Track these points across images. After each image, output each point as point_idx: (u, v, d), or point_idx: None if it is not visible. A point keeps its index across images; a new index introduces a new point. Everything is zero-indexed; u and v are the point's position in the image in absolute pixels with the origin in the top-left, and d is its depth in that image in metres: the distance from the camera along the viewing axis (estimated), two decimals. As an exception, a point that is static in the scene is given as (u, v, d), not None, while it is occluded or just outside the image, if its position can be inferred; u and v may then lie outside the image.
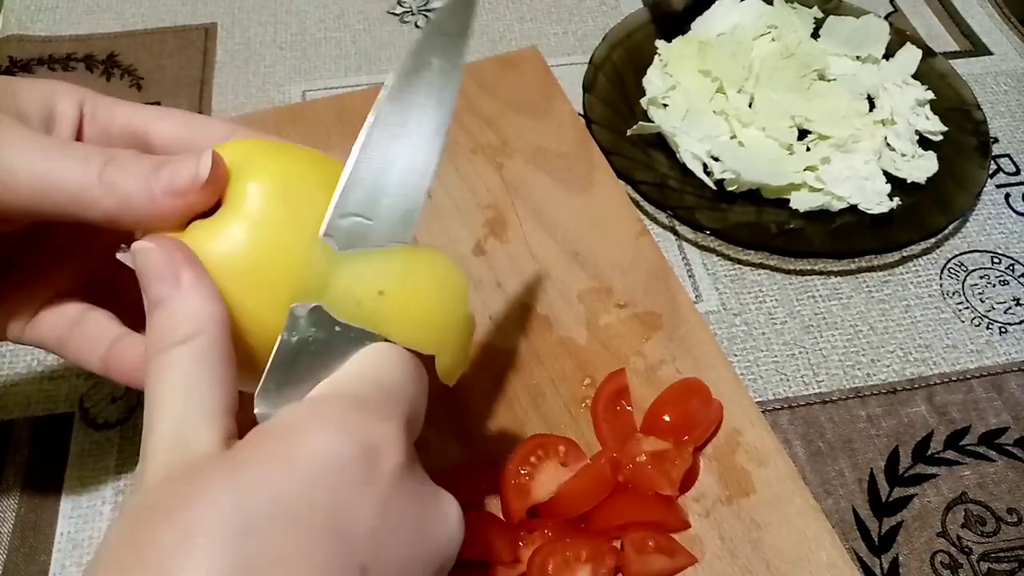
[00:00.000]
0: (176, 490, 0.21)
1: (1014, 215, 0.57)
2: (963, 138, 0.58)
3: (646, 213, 0.55)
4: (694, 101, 0.58)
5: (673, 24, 0.64)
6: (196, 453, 0.22)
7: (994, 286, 0.53)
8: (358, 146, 0.27)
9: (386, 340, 0.26)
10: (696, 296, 0.51)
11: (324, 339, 0.25)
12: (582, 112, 0.58)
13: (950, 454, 0.45)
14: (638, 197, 0.55)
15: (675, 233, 0.55)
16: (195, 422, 0.22)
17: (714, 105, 0.58)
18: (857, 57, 0.62)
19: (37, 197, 0.26)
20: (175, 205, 0.25)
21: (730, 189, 0.54)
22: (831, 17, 0.64)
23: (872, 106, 0.60)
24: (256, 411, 0.25)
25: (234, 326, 0.25)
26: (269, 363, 0.25)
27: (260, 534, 0.20)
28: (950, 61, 0.63)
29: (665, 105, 0.59)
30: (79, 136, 0.30)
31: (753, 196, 0.55)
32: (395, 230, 0.27)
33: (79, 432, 0.44)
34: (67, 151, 0.26)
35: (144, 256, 0.25)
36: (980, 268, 0.54)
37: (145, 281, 0.25)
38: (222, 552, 0.19)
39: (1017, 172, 0.59)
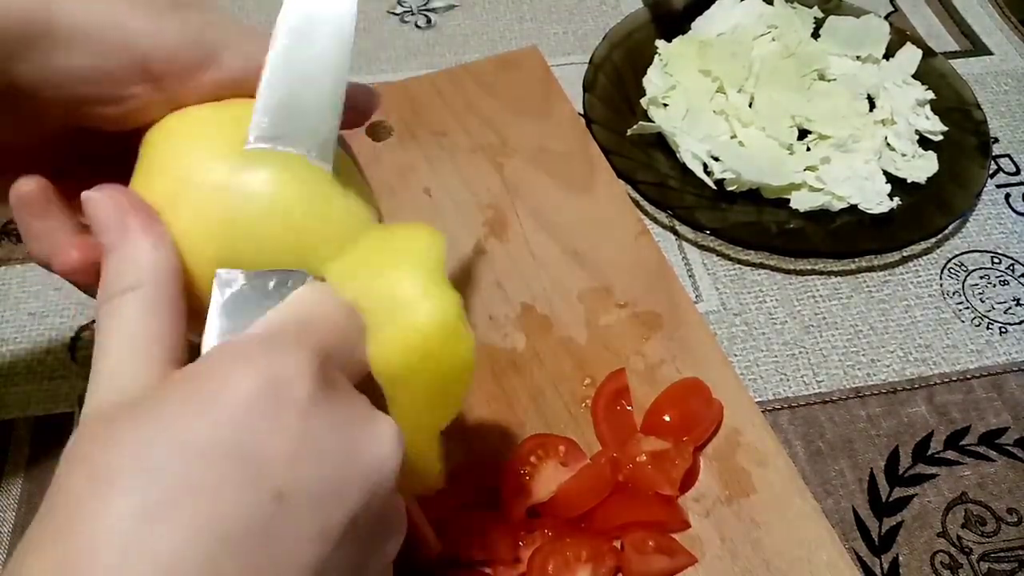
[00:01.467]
0: (94, 434, 0.21)
1: (1014, 215, 0.57)
2: (963, 138, 0.58)
3: (646, 213, 0.55)
4: (694, 101, 0.58)
5: (673, 24, 0.64)
6: (131, 393, 0.22)
7: (994, 286, 0.53)
8: (271, 52, 0.27)
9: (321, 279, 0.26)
10: (696, 296, 0.51)
11: (253, 292, 0.25)
12: (582, 112, 0.58)
13: (950, 454, 0.45)
14: (638, 197, 0.55)
15: (675, 233, 0.55)
16: (132, 369, 0.23)
17: (714, 105, 0.58)
18: (857, 57, 0.62)
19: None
20: None
21: (730, 189, 0.54)
22: (831, 17, 0.64)
23: (872, 106, 0.60)
24: (203, 348, 0.25)
25: (188, 274, 0.25)
26: (208, 317, 0.25)
27: (168, 472, 0.20)
28: (950, 61, 0.63)
29: (665, 105, 0.59)
30: None
31: (753, 196, 0.55)
32: (318, 126, 0.27)
33: (79, 432, 0.44)
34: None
35: (93, 205, 0.25)
36: (980, 268, 0.54)
37: (96, 230, 0.25)
38: (131, 493, 0.19)
39: (1017, 172, 0.59)
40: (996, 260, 0.54)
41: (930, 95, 0.60)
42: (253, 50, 0.27)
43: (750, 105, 0.58)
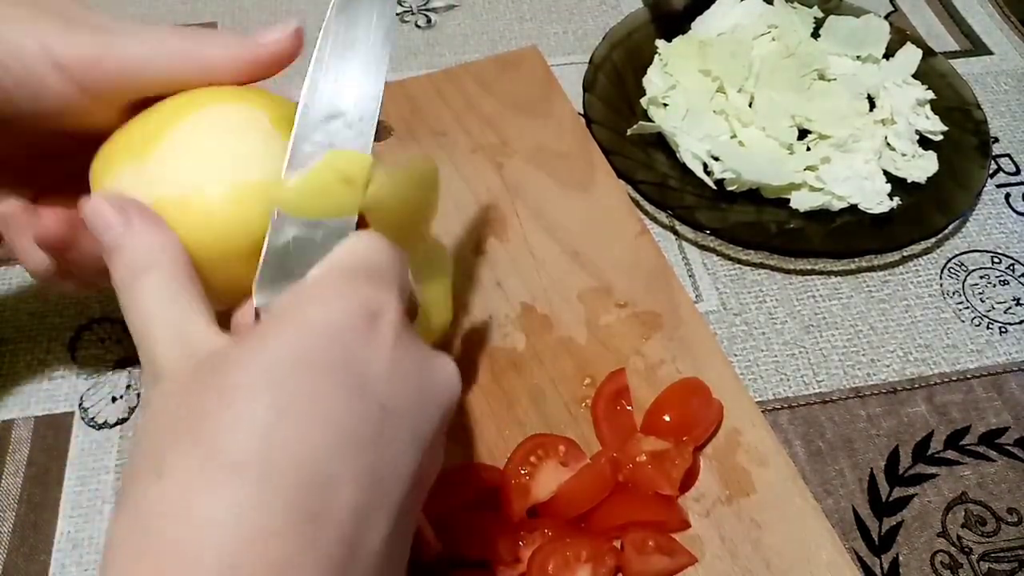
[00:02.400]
0: (206, 370, 0.23)
1: (1014, 215, 0.57)
2: (963, 138, 0.58)
3: (646, 213, 0.55)
4: (694, 101, 0.58)
5: (673, 24, 0.64)
6: (204, 347, 0.24)
7: (994, 286, 0.53)
8: (309, 75, 0.31)
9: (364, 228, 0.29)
10: (696, 296, 0.51)
11: (307, 235, 0.28)
12: (582, 112, 0.58)
13: (950, 454, 0.45)
14: (638, 197, 0.55)
15: (675, 233, 0.55)
16: (187, 327, 0.25)
17: (714, 105, 0.58)
18: (857, 57, 0.62)
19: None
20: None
21: (730, 189, 0.54)
22: (831, 17, 0.64)
23: (872, 106, 0.60)
24: (256, 303, 0.28)
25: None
26: (261, 259, 0.28)
27: (289, 384, 0.22)
28: (950, 61, 0.63)
29: (665, 105, 0.59)
30: None
31: (753, 196, 0.55)
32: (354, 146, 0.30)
33: (79, 432, 0.44)
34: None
35: (95, 210, 0.27)
36: (980, 268, 0.54)
37: (100, 232, 0.27)
38: (259, 400, 0.22)
39: (1017, 172, 0.59)
40: (996, 260, 0.54)
41: (930, 95, 0.60)
42: (148, 36, 0.30)
43: (750, 105, 0.58)
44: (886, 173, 0.56)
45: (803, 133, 0.58)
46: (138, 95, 0.31)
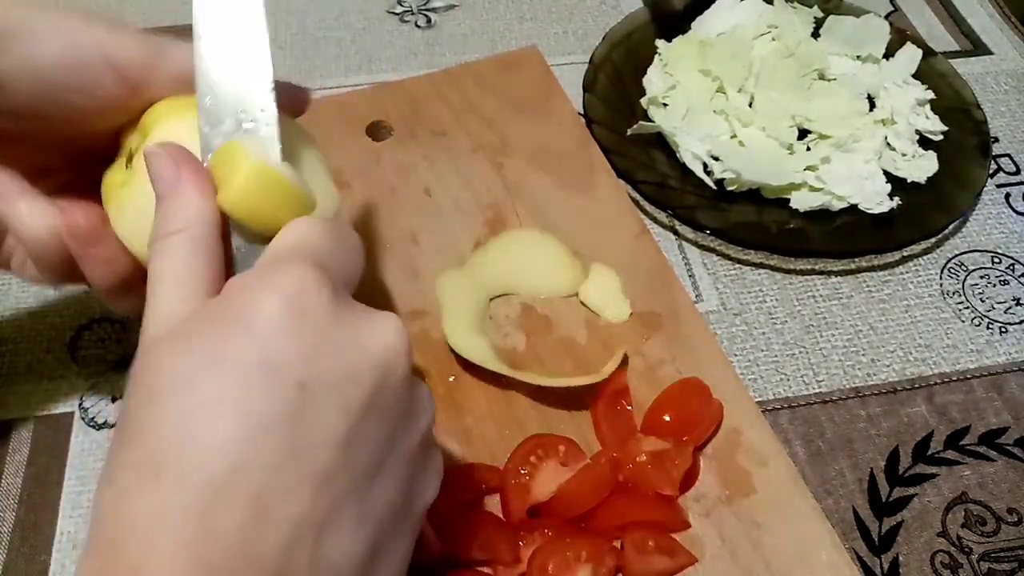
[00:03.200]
0: (143, 361, 0.25)
1: (1014, 215, 0.57)
2: (963, 138, 0.58)
3: (646, 213, 0.55)
4: (694, 101, 0.58)
5: (673, 24, 0.64)
6: (174, 326, 0.26)
7: (994, 286, 0.53)
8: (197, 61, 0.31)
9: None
10: (696, 296, 0.51)
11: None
12: (582, 112, 0.58)
13: (950, 454, 0.45)
14: (638, 197, 0.55)
15: (675, 233, 0.55)
16: (180, 301, 0.26)
17: (714, 105, 0.58)
18: (857, 57, 0.62)
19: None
20: None
21: (730, 189, 0.54)
22: (831, 17, 0.64)
23: (872, 106, 0.60)
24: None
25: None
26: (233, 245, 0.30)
27: (209, 377, 0.24)
28: (950, 61, 0.63)
29: (665, 105, 0.59)
30: None
31: (753, 196, 0.55)
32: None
33: (79, 432, 0.44)
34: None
35: (153, 158, 0.29)
36: (980, 268, 0.54)
37: (153, 180, 0.29)
38: (182, 396, 0.23)
39: (1017, 172, 0.59)
40: (996, 260, 0.54)
41: (930, 95, 0.60)
42: (186, 50, 0.32)
43: (750, 105, 0.58)
44: (886, 173, 0.56)
45: (803, 133, 0.58)
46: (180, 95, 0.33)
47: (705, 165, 0.55)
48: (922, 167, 0.56)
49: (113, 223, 0.33)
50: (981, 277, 0.53)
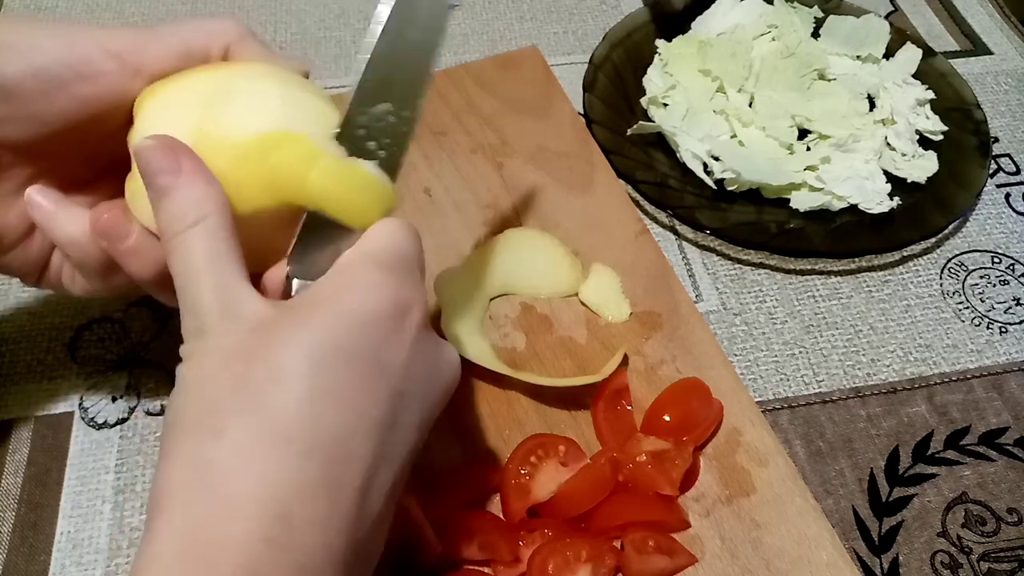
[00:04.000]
0: (257, 342, 0.26)
1: (1014, 215, 0.57)
2: (963, 138, 0.58)
3: (646, 213, 0.55)
4: (694, 101, 0.58)
5: (673, 23, 0.64)
6: (251, 313, 0.27)
7: (994, 286, 0.53)
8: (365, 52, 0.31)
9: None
10: (696, 296, 0.51)
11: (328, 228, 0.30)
12: (582, 112, 0.58)
13: (950, 454, 0.45)
14: (638, 197, 0.55)
15: (675, 233, 0.55)
16: (234, 289, 0.27)
17: (714, 105, 0.58)
18: (857, 57, 0.62)
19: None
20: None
21: (730, 189, 0.54)
22: (831, 17, 0.64)
23: (872, 106, 0.60)
24: (288, 270, 0.30)
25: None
26: (297, 233, 0.30)
27: (328, 368, 0.25)
28: (950, 61, 0.63)
29: (665, 105, 0.59)
30: None
31: (753, 196, 0.55)
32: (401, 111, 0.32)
33: (79, 432, 0.44)
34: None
35: (146, 152, 0.28)
36: (980, 268, 0.54)
37: (149, 175, 0.28)
38: (305, 381, 0.25)
39: (1017, 172, 0.59)
40: (996, 260, 0.54)
41: (930, 95, 0.60)
42: (177, 29, 0.33)
43: (750, 105, 0.58)
44: (886, 173, 0.56)
45: (803, 133, 0.58)
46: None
47: (705, 165, 0.55)
48: (922, 167, 0.56)
49: (135, 213, 0.33)
50: (981, 277, 0.53)
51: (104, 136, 0.34)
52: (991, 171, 0.59)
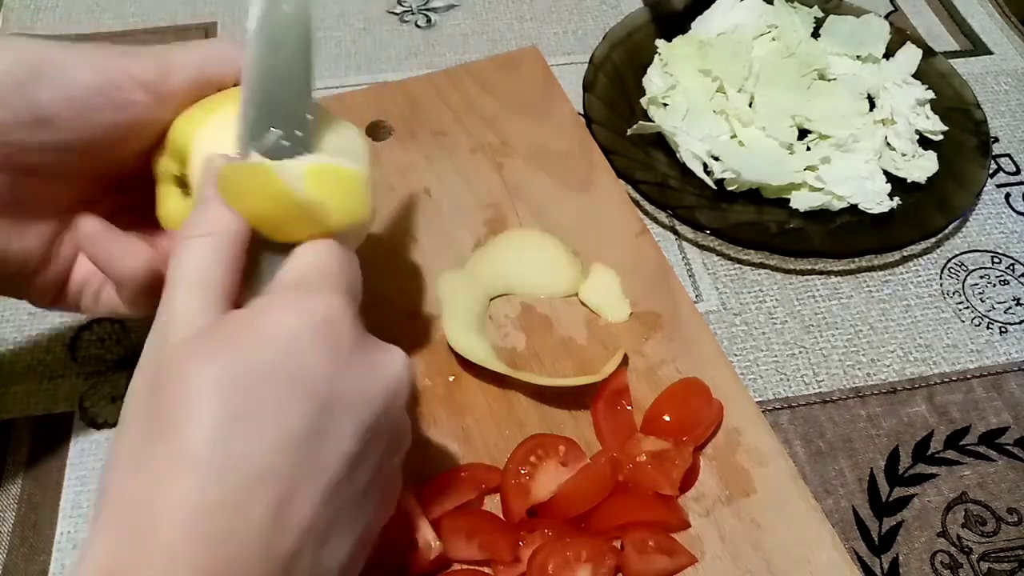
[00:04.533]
0: (175, 359, 0.26)
1: (1014, 215, 0.57)
2: (963, 138, 0.58)
3: (646, 213, 0.55)
4: (694, 101, 0.58)
5: (673, 24, 0.64)
6: (197, 327, 0.27)
7: (994, 286, 0.53)
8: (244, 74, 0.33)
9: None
10: (696, 296, 0.51)
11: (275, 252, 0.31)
12: (582, 112, 0.58)
13: (950, 454, 0.45)
14: (638, 197, 0.55)
15: (675, 233, 0.55)
16: (200, 306, 0.28)
17: (714, 105, 0.58)
18: (857, 57, 0.62)
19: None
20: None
21: (730, 189, 0.54)
22: (831, 17, 0.64)
23: (872, 106, 0.60)
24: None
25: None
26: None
27: (245, 389, 0.25)
28: (950, 61, 0.63)
29: (665, 105, 0.59)
30: None
31: (753, 196, 0.55)
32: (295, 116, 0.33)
33: (79, 432, 0.44)
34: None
35: (211, 163, 0.31)
36: (980, 268, 0.54)
37: (203, 183, 0.31)
38: (219, 403, 0.25)
39: (1017, 172, 0.59)
40: (996, 260, 0.54)
41: (930, 95, 0.60)
42: (191, 49, 0.35)
43: (750, 105, 0.58)
44: (886, 173, 0.56)
45: (803, 133, 0.58)
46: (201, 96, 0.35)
47: (705, 165, 0.55)
48: (922, 167, 0.56)
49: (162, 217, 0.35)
50: (981, 277, 0.53)
51: (120, 158, 0.35)
52: (991, 171, 0.59)
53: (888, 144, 0.57)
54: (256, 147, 0.32)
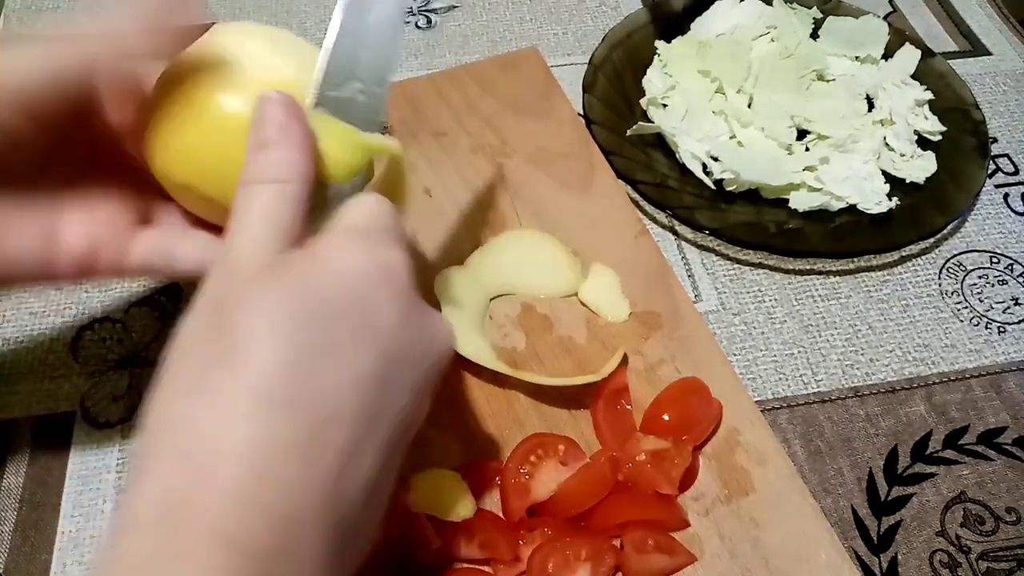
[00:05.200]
0: (247, 287, 0.26)
1: (1013, 215, 0.57)
2: (962, 138, 0.58)
3: (646, 213, 0.55)
4: (694, 101, 0.58)
5: (673, 24, 0.64)
6: (264, 262, 0.27)
7: (993, 286, 0.53)
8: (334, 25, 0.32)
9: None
10: (695, 296, 0.51)
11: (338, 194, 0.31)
12: (582, 112, 0.58)
13: (949, 453, 0.45)
14: (638, 197, 0.55)
15: (674, 233, 0.55)
16: (271, 245, 0.27)
17: (713, 105, 0.59)
18: (856, 57, 0.62)
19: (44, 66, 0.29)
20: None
21: (729, 189, 0.54)
22: (830, 17, 0.64)
23: (871, 106, 0.60)
24: None
25: None
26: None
27: (313, 323, 0.25)
28: (949, 61, 0.63)
29: (665, 105, 0.59)
30: None
31: (752, 196, 0.55)
32: (371, 90, 0.33)
33: (80, 431, 0.44)
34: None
35: (268, 103, 0.30)
36: (979, 268, 0.54)
37: (259, 124, 0.29)
38: (285, 336, 0.25)
39: (1016, 172, 0.60)
40: (995, 260, 0.54)
41: (929, 95, 0.60)
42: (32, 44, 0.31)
43: (749, 105, 0.58)
44: (885, 173, 0.56)
45: (802, 133, 0.58)
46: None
47: (704, 165, 0.56)
48: (921, 167, 0.56)
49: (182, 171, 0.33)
50: (980, 277, 0.53)
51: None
52: (990, 171, 0.59)
53: (887, 144, 0.58)
54: (331, 98, 0.31)
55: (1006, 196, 0.58)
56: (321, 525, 0.24)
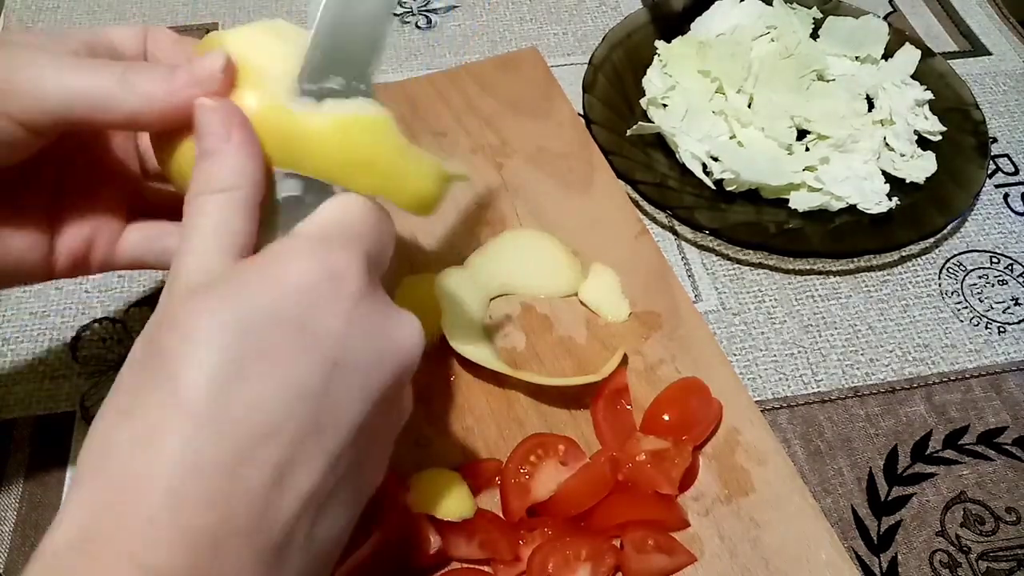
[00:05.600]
0: (181, 305, 0.25)
1: (1013, 215, 0.57)
2: (962, 138, 0.58)
3: (646, 213, 0.55)
4: (694, 101, 0.58)
5: (673, 24, 0.64)
6: (208, 276, 0.26)
7: (993, 286, 0.53)
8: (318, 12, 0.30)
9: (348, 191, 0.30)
10: (695, 296, 0.51)
11: (298, 195, 0.29)
12: (582, 112, 0.58)
13: (949, 453, 0.45)
14: (638, 197, 0.55)
15: (674, 233, 0.55)
16: (217, 257, 0.26)
17: (713, 105, 0.59)
18: (856, 57, 0.62)
19: (64, 105, 0.29)
20: (192, 96, 0.29)
21: (729, 189, 0.54)
22: (830, 17, 0.64)
23: (871, 106, 0.60)
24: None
25: None
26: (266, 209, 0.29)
27: (248, 335, 0.24)
28: (949, 61, 0.63)
29: (665, 105, 0.59)
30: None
31: (752, 196, 0.55)
32: (358, 77, 0.31)
33: (80, 431, 0.44)
34: (88, 63, 0.30)
35: (204, 111, 0.28)
36: (979, 268, 0.54)
37: (201, 133, 0.28)
38: (218, 349, 0.24)
39: (1016, 172, 0.60)
40: (995, 260, 0.54)
41: (929, 95, 0.60)
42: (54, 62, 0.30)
43: (749, 105, 0.58)
44: (885, 173, 0.56)
45: (802, 133, 0.58)
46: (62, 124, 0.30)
47: (704, 165, 0.56)
48: (921, 167, 0.56)
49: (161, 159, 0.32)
50: (980, 277, 0.53)
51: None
52: (990, 171, 0.59)
53: (887, 144, 0.58)
54: (312, 90, 0.30)
55: (1006, 196, 0.58)
56: (250, 541, 0.23)
